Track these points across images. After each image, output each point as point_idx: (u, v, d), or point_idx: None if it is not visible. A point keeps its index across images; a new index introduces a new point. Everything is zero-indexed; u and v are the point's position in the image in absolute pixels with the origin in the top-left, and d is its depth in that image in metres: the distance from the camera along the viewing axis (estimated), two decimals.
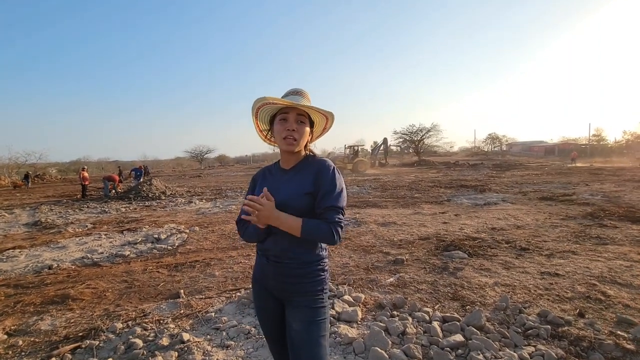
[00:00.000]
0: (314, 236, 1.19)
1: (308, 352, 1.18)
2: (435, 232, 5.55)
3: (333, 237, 1.17)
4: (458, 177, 16.21)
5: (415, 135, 38.98)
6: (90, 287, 3.71)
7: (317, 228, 1.17)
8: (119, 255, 4.95)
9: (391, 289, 3.37)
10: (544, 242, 4.74)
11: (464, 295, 3.13)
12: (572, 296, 3.04)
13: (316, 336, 1.20)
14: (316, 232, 1.17)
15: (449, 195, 9.97)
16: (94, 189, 16.25)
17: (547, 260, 4.00)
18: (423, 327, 2.57)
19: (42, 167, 33.55)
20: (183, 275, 4.01)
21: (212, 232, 6.27)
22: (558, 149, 47.20)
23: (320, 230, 1.17)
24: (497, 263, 3.97)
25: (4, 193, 18.15)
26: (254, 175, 1.46)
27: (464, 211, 7.44)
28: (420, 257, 4.29)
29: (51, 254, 5.19)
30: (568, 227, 5.56)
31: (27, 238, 6.53)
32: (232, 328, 2.65)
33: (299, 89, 1.31)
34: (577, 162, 26.02)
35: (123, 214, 9.16)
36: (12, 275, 4.28)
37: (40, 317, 3.02)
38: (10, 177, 26.89)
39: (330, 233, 1.17)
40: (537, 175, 15.97)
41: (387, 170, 24.01)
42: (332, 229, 1.17)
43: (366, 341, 2.35)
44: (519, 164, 26.21)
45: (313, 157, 1.34)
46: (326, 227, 1.17)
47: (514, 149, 59.68)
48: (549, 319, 2.60)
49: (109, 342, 2.53)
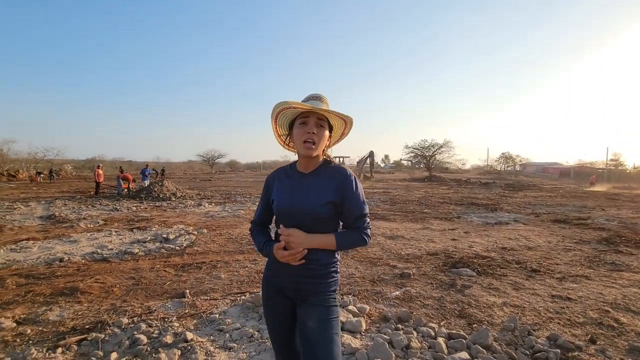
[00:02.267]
0: (349, 247, 1.31)
1: (324, 349, 1.20)
2: (443, 248, 5.47)
3: (365, 242, 1.31)
4: (469, 195, 16.00)
5: (427, 150, 38.76)
6: (99, 281, 3.77)
7: (350, 240, 1.30)
8: (128, 253, 5.02)
9: (396, 302, 3.33)
10: (556, 265, 4.62)
11: (471, 314, 3.07)
12: (584, 321, 2.95)
13: (331, 334, 1.23)
14: (350, 243, 1.31)
15: (459, 212, 9.84)
16: (107, 187, 16.59)
17: (559, 284, 3.90)
18: (428, 342, 2.53)
19: (58, 163, 34.48)
20: (189, 276, 4.04)
21: (219, 235, 6.31)
22: (574, 172, 46.25)
23: (353, 241, 1.30)
24: (506, 283, 3.88)
25: (22, 186, 18.68)
26: (268, 177, 1.45)
27: (474, 229, 7.33)
28: (427, 272, 4.23)
29: (63, 247, 5.30)
30: (582, 251, 5.42)
31: (41, 230, 6.69)
32: (236, 330, 2.65)
33: (319, 94, 1.33)
34: (596, 187, 25.32)
35: (134, 212, 9.31)
36: (25, 265, 4.39)
37: (49, 308, 3.08)
38: (28, 172, 27.70)
39: (362, 239, 1.30)
40: (551, 197, 15.64)
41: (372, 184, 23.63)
42: (363, 234, 1.30)
43: (369, 352, 2.32)
44: (532, 184, 25.74)
45: (331, 163, 1.37)
46: (356, 235, 1.30)
47: (527, 170, 58.75)
48: (559, 343, 2.53)
49: (115, 336, 2.56)
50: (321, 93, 1.34)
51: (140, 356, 2.30)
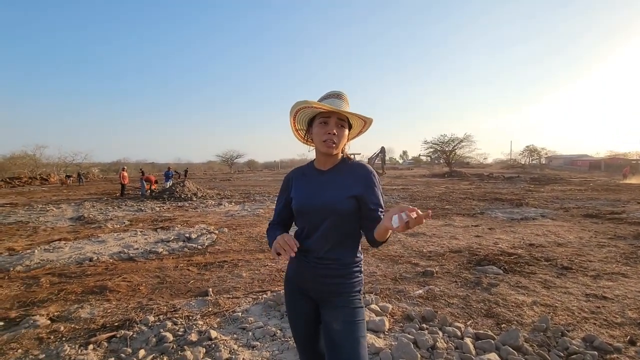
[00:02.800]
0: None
1: (350, 351, 1.16)
2: (467, 245, 5.32)
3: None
4: (492, 190, 15.50)
5: (447, 145, 37.83)
6: (126, 280, 3.89)
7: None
8: (153, 252, 5.16)
9: (420, 301, 3.26)
10: (589, 262, 4.39)
11: (498, 313, 2.96)
12: (622, 322, 2.78)
13: (357, 336, 1.20)
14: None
15: (482, 208, 9.55)
16: (132, 188, 17.16)
17: (593, 282, 3.70)
18: (454, 342, 2.45)
19: (86, 166, 36.04)
20: (212, 275, 4.10)
21: (240, 234, 6.39)
22: (605, 164, 43.93)
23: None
24: (535, 281, 3.72)
25: (53, 189, 19.61)
26: (287, 175, 1.45)
27: (499, 225, 7.08)
28: (451, 270, 4.12)
29: (92, 247, 5.51)
30: (617, 248, 5.13)
31: (72, 231, 6.99)
32: (258, 329, 2.66)
33: (339, 92, 1.30)
34: (630, 179, 23.87)
35: (157, 212, 9.58)
36: (57, 265, 4.59)
37: (81, 306, 3.20)
38: (59, 175, 29.07)
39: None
40: (580, 191, 14.92)
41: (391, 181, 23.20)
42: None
43: (394, 352, 2.27)
44: (560, 178, 24.67)
45: (349, 159, 1.36)
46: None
47: (554, 163, 56.34)
48: (596, 344, 2.39)
49: (142, 333, 2.63)
50: (341, 90, 1.31)
51: (167, 354, 2.34)
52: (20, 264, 4.55)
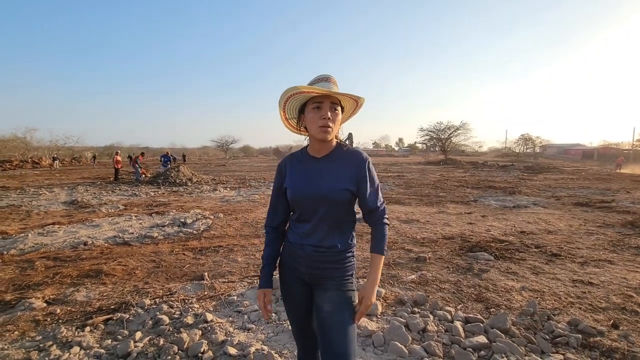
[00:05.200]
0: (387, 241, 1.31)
1: (339, 332, 1.20)
2: (460, 232, 5.40)
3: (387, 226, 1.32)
4: (486, 178, 15.64)
5: (443, 133, 37.84)
6: (122, 264, 3.90)
7: (384, 237, 1.30)
8: (148, 237, 5.17)
9: (412, 285, 3.33)
10: (578, 249, 4.50)
11: (488, 298, 3.04)
12: (606, 306, 2.88)
13: (346, 317, 1.23)
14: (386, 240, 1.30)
15: (475, 196, 9.66)
16: (125, 173, 17.01)
17: (581, 268, 3.80)
18: (445, 325, 2.52)
19: (78, 150, 35.56)
20: (207, 259, 4.13)
21: (235, 220, 6.41)
22: (598, 153, 44.43)
23: (384, 238, 1.30)
24: (525, 267, 3.81)
25: (45, 173, 19.38)
26: (280, 164, 1.39)
27: (492, 213, 7.19)
28: (443, 256, 4.20)
29: (86, 232, 5.50)
30: (605, 235, 5.25)
31: (65, 215, 6.96)
32: (254, 312, 2.71)
33: (327, 75, 1.27)
34: (622, 169, 24.15)
35: (152, 197, 9.55)
36: (52, 248, 4.58)
37: (77, 289, 3.22)
38: (49, 158, 28.68)
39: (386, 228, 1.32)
40: (572, 179, 15.12)
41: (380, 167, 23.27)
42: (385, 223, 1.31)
43: (386, 335, 2.34)
44: (553, 167, 24.89)
45: (345, 146, 1.34)
46: (382, 228, 1.31)
47: (548, 152, 56.83)
48: (580, 328, 2.48)
49: (138, 316, 2.66)
50: (328, 73, 1.28)
51: (163, 336, 2.38)
52: (14, 248, 4.54)
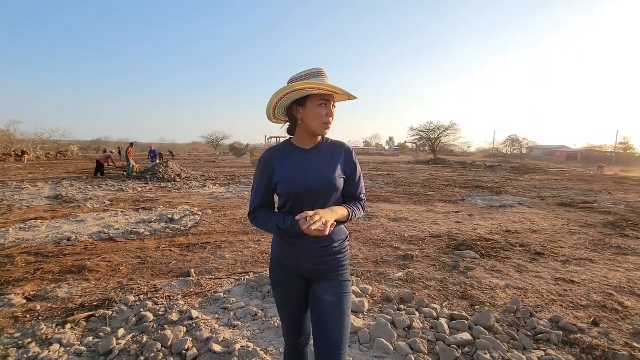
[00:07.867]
0: (355, 218, 1.31)
1: (338, 321, 1.25)
2: (447, 231, 5.47)
3: (362, 212, 1.37)
4: (474, 178, 15.86)
5: (433, 133, 38.20)
6: (106, 260, 3.83)
7: (357, 210, 1.32)
8: (134, 233, 5.08)
9: (399, 283, 3.35)
10: (561, 249, 4.60)
11: (473, 295, 3.09)
12: (587, 304, 2.95)
13: (345, 307, 1.28)
14: (356, 214, 1.31)
15: (463, 195, 9.78)
16: (113, 168, 16.67)
17: (563, 267, 3.89)
18: (430, 322, 2.55)
19: (64, 144, 34.67)
20: (194, 256, 4.09)
21: (224, 216, 6.36)
22: (581, 155, 45.53)
23: (359, 211, 1.34)
24: (509, 266, 3.88)
25: (29, 167, 18.85)
26: (264, 159, 1.30)
27: (479, 212, 7.30)
28: (430, 254, 4.24)
29: (70, 227, 5.38)
30: (587, 235, 5.38)
31: (49, 210, 6.78)
32: (240, 309, 2.69)
33: (321, 70, 1.24)
34: (605, 172, 24.75)
35: (139, 193, 9.39)
36: (34, 244, 4.46)
37: (58, 285, 3.14)
38: (35, 153, 27.92)
39: (362, 209, 1.37)
40: (557, 180, 15.46)
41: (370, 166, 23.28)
42: (363, 206, 1.37)
43: (372, 332, 2.35)
44: (539, 168, 25.42)
45: (327, 138, 1.38)
46: (359, 206, 1.35)
47: (534, 153, 57.95)
48: (561, 325, 2.53)
49: (122, 313, 2.61)
50: (319, 67, 1.25)
51: (147, 333, 2.35)
52: None
